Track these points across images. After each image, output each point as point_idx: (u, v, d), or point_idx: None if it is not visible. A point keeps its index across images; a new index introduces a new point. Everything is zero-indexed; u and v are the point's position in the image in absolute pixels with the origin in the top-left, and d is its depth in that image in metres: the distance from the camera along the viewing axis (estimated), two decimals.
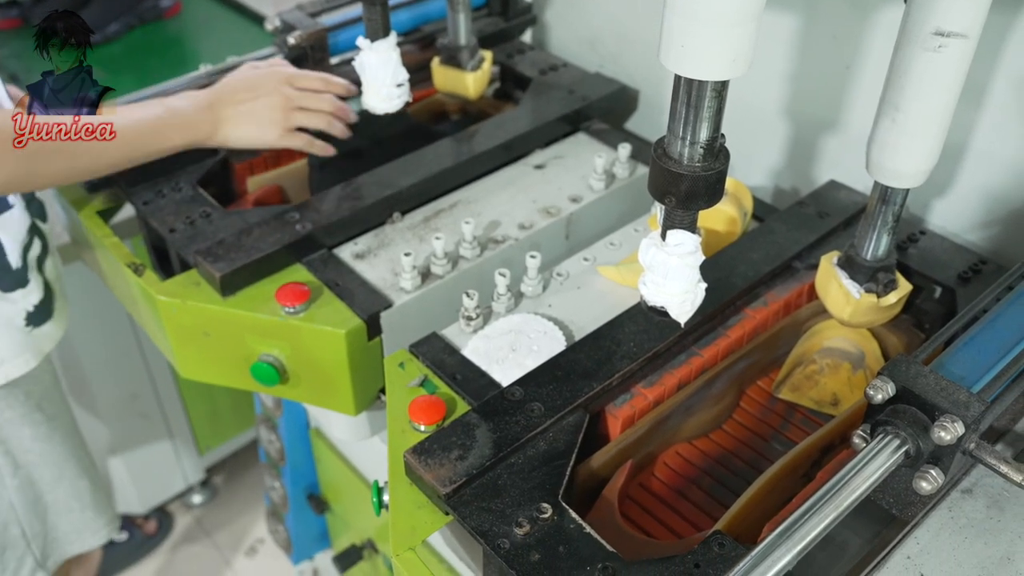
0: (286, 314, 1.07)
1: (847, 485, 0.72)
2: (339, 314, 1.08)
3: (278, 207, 1.19)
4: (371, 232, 1.21)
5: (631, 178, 1.31)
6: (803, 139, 1.29)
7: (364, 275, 1.14)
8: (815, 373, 1.06)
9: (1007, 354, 0.81)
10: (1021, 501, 0.83)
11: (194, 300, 1.09)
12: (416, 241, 1.20)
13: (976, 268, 1.07)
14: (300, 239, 1.14)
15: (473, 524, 0.78)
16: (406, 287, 1.11)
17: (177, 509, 2.28)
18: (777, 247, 1.10)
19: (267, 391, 1.14)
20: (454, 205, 1.26)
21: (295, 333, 1.08)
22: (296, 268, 1.14)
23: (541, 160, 1.35)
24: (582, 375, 0.93)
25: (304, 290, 1.08)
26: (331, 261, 1.16)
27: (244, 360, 1.11)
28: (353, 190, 1.22)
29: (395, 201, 1.22)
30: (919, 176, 0.89)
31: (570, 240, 1.27)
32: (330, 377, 1.11)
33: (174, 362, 1.19)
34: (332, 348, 1.07)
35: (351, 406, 1.14)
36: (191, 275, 1.13)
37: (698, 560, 0.73)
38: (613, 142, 1.36)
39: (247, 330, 1.09)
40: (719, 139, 0.76)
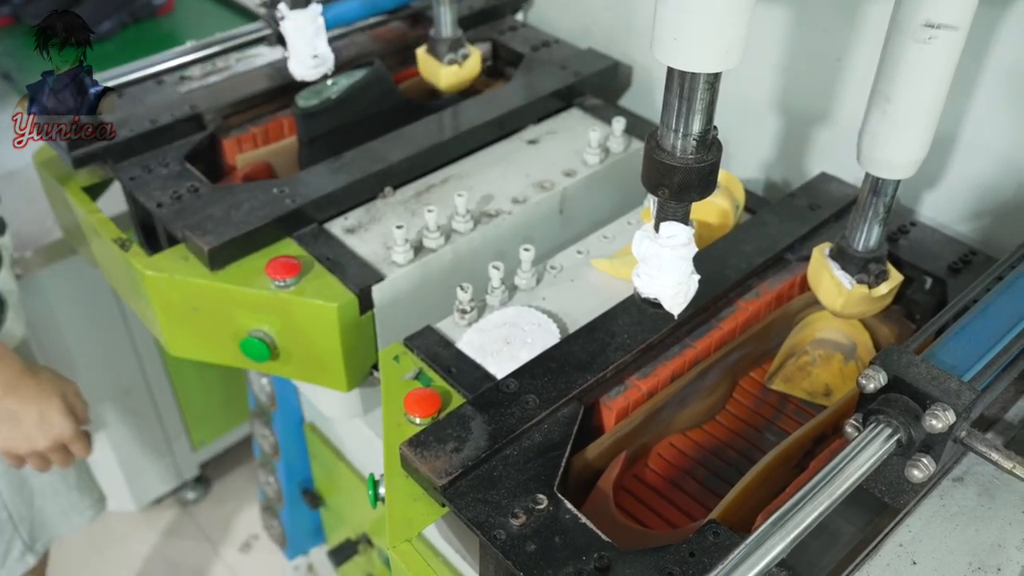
0: (276, 288, 1.06)
1: (840, 474, 0.72)
2: (330, 288, 1.07)
3: (267, 181, 1.18)
4: (362, 207, 1.21)
5: (626, 152, 1.30)
6: (794, 131, 1.29)
7: (355, 249, 1.13)
8: (807, 364, 1.07)
9: (997, 343, 0.82)
10: (1012, 488, 0.83)
11: (182, 275, 1.08)
12: (408, 215, 1.19)
13: (966, 259, 1.07)
14: (290, 213, 1.13)
15: (469, 516, 0.79)
16: (398, 260, 1.11)
17: (171, 505, 2.27)
18: (769, 239, 1.11)
19: (257, 368, 1.13)
20: (446, 180, 1.26)
21: (285, 307, 1.07)
22: (286, 242, 1.13)
23: (534, 135, 1.34)
24: (576, 367, 0.93)
25: (294, 263, 1.07)
26: (322, 235, 1.15)
27: (233, 336, 1.10)
28: (343, 164, 1.21)
29: (386, 175, 1.22)
30: (910, 167, 0.90)
31: (564, 215, 1.26)
32: (321, 352, 1.10)
33: (162, 339, 1.17)
34: (323, 322, 1.06)
35: (343, 382, 1.13)
36: (179, 250, 1.12)
37: (693, 549, 0.74)
38: (607, 117, 1.35)
39: (236, 305, 1.08)
40: (712, 131, 0.77)
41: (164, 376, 1.98)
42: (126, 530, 2.23)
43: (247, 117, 1.38)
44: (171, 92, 1.35)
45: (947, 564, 0.78)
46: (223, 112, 1.35)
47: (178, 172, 1.21)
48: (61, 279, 1.69)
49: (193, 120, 1.31)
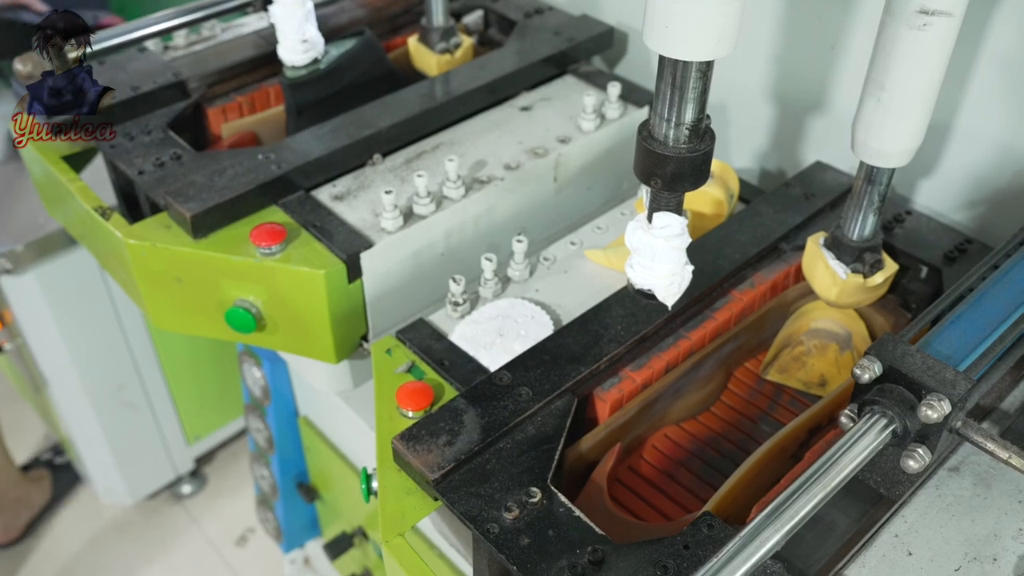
0: (261, 256, 1.04)
1: (835, 465, 0.72)
2: (317, 255, 1.05)
3: (252, 148, 1.16)
4: (350, 174, 1.19)
5: (622, 119, 1.28)
6: (789, 120, 1.29)
7: (344, 216, 1.11)
8: (802, 354, 1.06)
9: (993, 332, 0.81)
10: (1007, 478, 0.83)
11: (164, 243, 1.06)
12: (398, 182, 1.16)
13: (962, 248, 1.07)
14: (275, 179, 1.11)
15: (462, 509, 0.78)
16: (388, 227, 1.09)
17: (166, 499, 2.27)
18: (764, 229, 1.10)
19: (243, 339, 1.11)
20: (437, 147, 1.23)
21: (271, 276, 1.05)
22: (272, 210, 1.12)
23: (527, 102, 1.32)
24: (570, 359, 0.92)
25: (280, 230, 1.05)
26: (309, 203, 1.13)
27: (219, 307, 1.08)
28: (331, 131, 1.19)
29: (375, 142, 1.20)
30: (904, 156, 0.89)
31: (559, 183, 1.24)
32: (309, 322, 1.08)
33: (146, 312, 1.15)
34: (310, 291, 1.04)
35: (331, 353, 1.11)
36: (161, 218, 1.09)
37: (687, 541, 0.73)
38: (602, 83, 1.33)
39: (221, 274, 1.06)
40: (705, 120, 0.76)
41: (158, 370, 1.97)
42: (119, 524, 2.22)
43: (232, 86, 1.36)
44: (154, 60, 1.33)
45: (943, 554, 0.77)
46: (208, 80, 1.32)
47: (161, 140, 1.19)
48: (52, 274, 1.68)
49: (176, 88, 1.28)
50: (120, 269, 1.16)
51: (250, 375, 1.57)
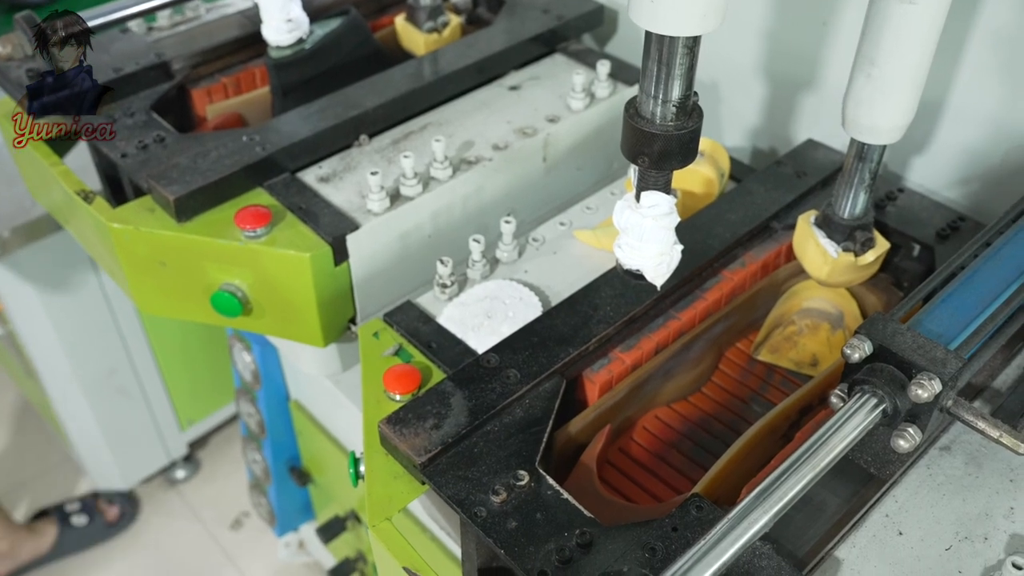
0: (246, 239, 1.03)
1: (824, 445, 0.71)
2: (303, 237, 1.04)
3: (236, 130, 1.15)
4: (336, 155, 1.17)
5: (611, 98, 1.26)
6: (780, 98, 1.27)
7: (329, 198, 1.10)
8: (794, 334, 1.06)
9: (985, 310, 0.80)
10: (999, 457, 0.82)
11: (148, 227, 1.04)
12: (384, 164, 1.15)
13: (954, 225, 1.06)
14: (260, 161, 1.10)
15: (449, 493, 0.77)
16: (374, 209, 1.07)
17: (160, 484, 2.26)
18: (755, 208, 1.09)
19: (230, 323, 1.10)
20: (424, 127, 1.22)
21: (256, 259, 1.04)
22: (257, 192, 1.10)
23: (516, 81, 1.31)
24: (558, 341, 0.92)
25: (265, 212, 1.03)
26: (294, 185, 1.12)
27: (204, 291, 1.07)
28: (316, 112, 1.18)
29: (361, 123, 1.18)
30: (895, 132, 0.88)
31: (548, 163, 1.22)
32: (295, 306, 1.07)
33: (131, 296, 1.14)
34: (296, 274, 1.03)
35: (319, 337, 1.10)
36: (144, 201, 1.08)
37: (676, 523, 0.73)
38: (592, 62, 1.31)
39: (206, 257, 1.05)
40: (692, 97, 0.75)
41: (149, 355, 1.96)
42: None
43: (217, 67, 1.34)
44: (137, 41, 1.31)
45: (933, 534, 0.77)
46: (192, 61, 1.30)
47: (144, 122, 1.17)
48: (40, 259, 1.67)
49: (160, 69, 1.26)
50: (104, 254, 1.15)
51: (240, 359, 1.56)
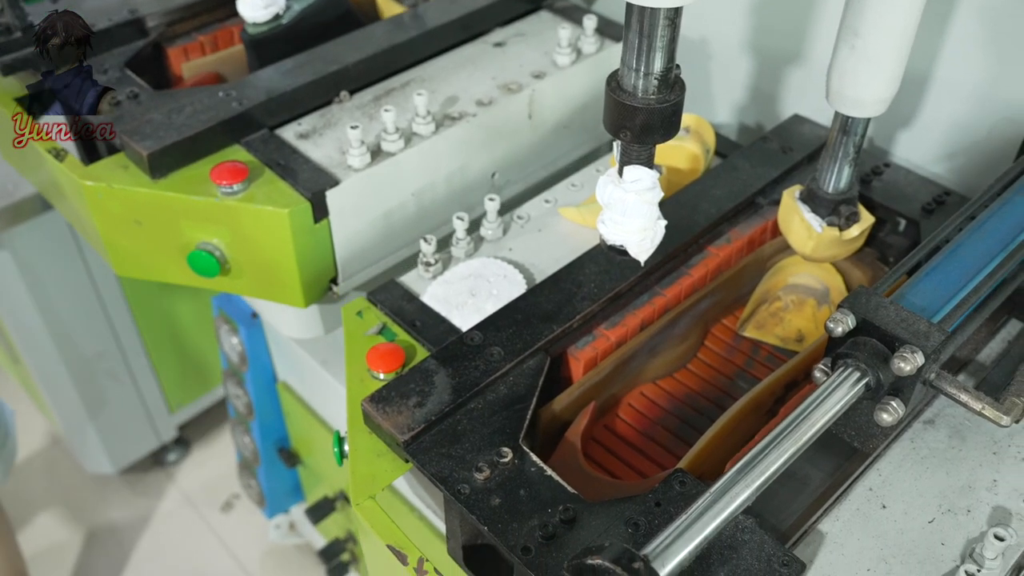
0: (223, 195, 1.01)
1: (807, 419, 0.71)
2: (281, 193, 1.02)
3: (213, 86, 1.13)
4: (316, 112, 1.15)
5: (599, 53, 1.25)
6: (766, 73, 1.26)
7: (309, 154, 1.08)
8: (780, 310, 1.05)
9: (968, 283, 0.80)
10: (982, 430, 0.83)
11: (121, 184, 1.02)
12: (365, 120, 1.13)
13: (940, 200, 1.05)
14: (237, 117, 1.08)
15: (433, 471, 0.77)
16: (355, 165, 1.06)
17: (150, 467, 2.26)
18: (740, 183, 1.08)
19: (207, 284, 1.08)
20: (407, 84, 1.20)
21: (234, 216, 1.02)
22: (234, 149, 1.08)
23: (501, 38, 1.29)
24: (542, 318, 0.91)
25: (241, 167, 1.02)
26: (272, 141, 1.10)
27: (181, 250, 1.05)
28: (295, 67, 1.16)
29: (341, 79, 1.16)
30: (879, 105, 0.88)
31: (534, 120, 1.21)
32: (275, 265, 1.06)
33: (106, 257, 1.12)
34: (275, 231, 1.02)
35: (299, 297, 1.08)
36: (118, 158, 1.06)
37: (659, 498, 0.73)
38: (578, 18, 1.29)
39: (181, 215, 1.03)
40: (674, 70, 0.74)
41: (137, 338, 1.95)
42: (105, 493, 2.22)
43: (193, 24, 1.32)
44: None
45: (917, 507, 0.77)
46: (167, 18, 1.28)
47: (117, 79, 1.15)
48: (25, 240, 1.65)
49: (133, 25, 1.25)
50: (79, 214, 1.13)
51: (227, 341, 1.55)
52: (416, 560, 0.77)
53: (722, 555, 0.69)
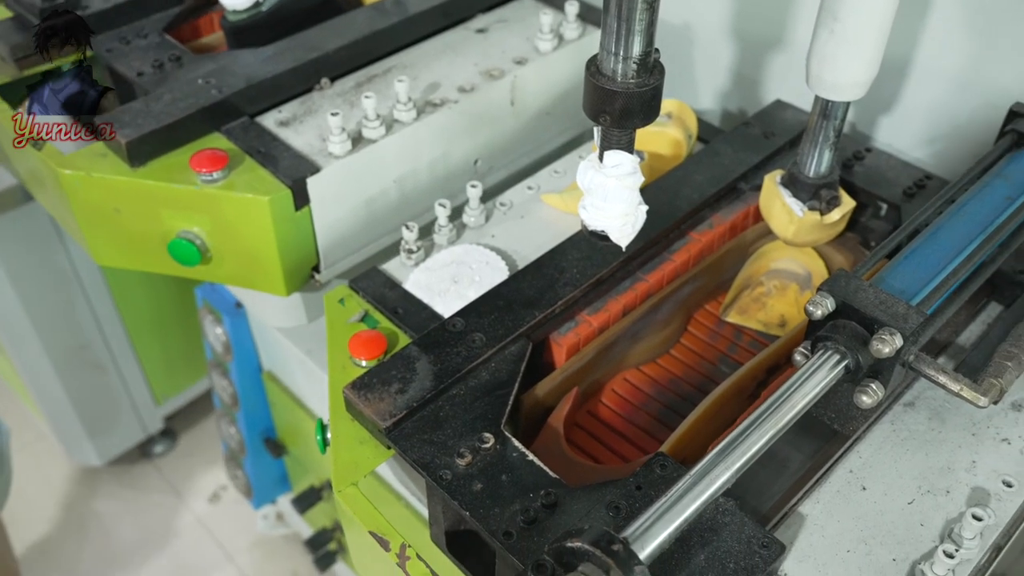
0: (203, 183, 1.01)
1: (786, 402, 0.71)
2: (262, 181, 1.02)
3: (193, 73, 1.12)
4: (297, 99, 1.15)
5: (581, 39, 1.24)
6: (749, 59, 1.27)
7: (289, 142, 1.08)
8: (762, 295, 1.06)
9: (947, 266, 0.80)
10: (962, 412, 0.83)
11: (100, 172, 1.02)
12: (346, 107, 1.13)
13: (921, 184, 1.06)
14: (216, 104, 1.07)
15: (414, 457, 0.77)
16: (335, 152, 1.05)
17: (137, 459, 2.25)
18: (722, 169, 1.08)
19: (188, 273, 1.08)
20: (388, 71, 1.19)
21: (214, 204, 1.01)
22: (214, 137, 1.08)
23: (483, 24, 1.28)
24: (524, 304, 0.91)
25: (221, 155, 1.01)
26: (253, 129, 1.10)
27: (161, 239, 1.04)
28: (275, 54, 1.15)
29: (322, 65, 1.16)
30: (859, 88, 0.88)
31: (516, 106, 1.20)
32: (256, 253, 1.05)
33: (86, 247, 1.12)
34: (255, 219, 1.01)
35: (281, 285, 1.08)
36: (97, 146, 1.05)
37: (640, 482, 0.73)
38: (560, 4, 1.28)
39: (161, 204, 1.03)
40: (653, 54, 0.74)
41: (121, 329, 1.94)
42: (92, 485, 2.21)
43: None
44: None
45: (896, 488, 0.77)
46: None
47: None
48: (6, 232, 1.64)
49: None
50: (58, 204, 1.12)
51: (211, 331, 1.55)
52: (399, 546, 0.77)
53: (703, 537, 0.69)
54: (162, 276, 1.87)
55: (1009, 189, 0.88)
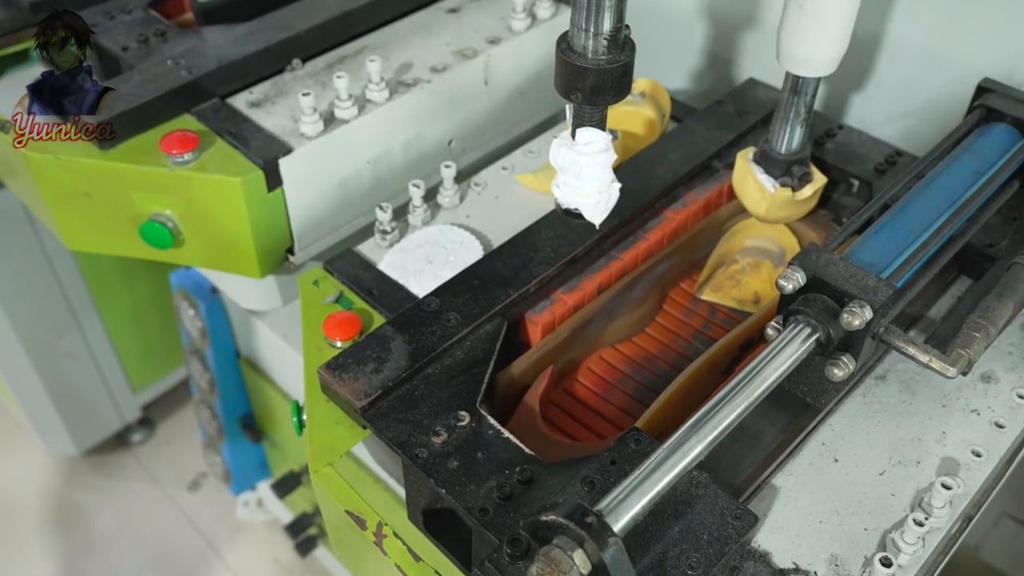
0: (174, 165, 1.00)
1: (758, 375, 0.72)
2: (234, 162, 1.01)
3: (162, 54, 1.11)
4: (268, 80, 1.14)
5: (554, 18, 1.24)
6: (722, 38, 1.27)
7: (261, 123, 1.07)
8: (737, 273, 1.06)
9: (916, 240, 0.81)
10: (933, 384, 0.84)
11: (69, 155, 1.01)
12: (319, 88, 1.12)
13: (892, 160, 1.07)
14: (186, 85, 1.07)
15: (390, 436, 0.77)
16: (308, 132, 1.05)
17: (115, 448, 2.24)
18: (696, 147, 1.09)
19: (161, 256, 1.07)
20: (360, 51, 1.19)
21: (186, 185, 1.01)
22: (185, 118, 1.07)
23: (456, 4, 1.28)
24: (499, 283, 0.91)
25: (192, 136, 1.01)
26: (224, 110, 1.09)
27: (133, 222, 1.03)
28: (245, 34, 1.14)
29: (294, 46, 1.15)
30: (828, 64, 0.88)
31: (490, 86, 1.20)
32: (229, 235, 1.05)
33: (57, 231, 1.10)
34: (228, 200, 1.01)
35: (255, 267, 1.07)
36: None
37: (614, 457, 0.73)
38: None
39: (132, 186, 1.02)
40: (624, 30, 0.74)
41: (96, 318, 1.93)
42: (70, 475, 2.20)
43: None
44: None
45: (868, 459, 0.78)
46: None
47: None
48: None
49: None
50: (27, 188, 1.11)
51: (187, 317, 1.54)
52: (375, 524, 0.77)
53: (677, 510, 0.70)
54: (137, 263, 1.85)
55: (977, 164, 0.89)
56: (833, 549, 0.72)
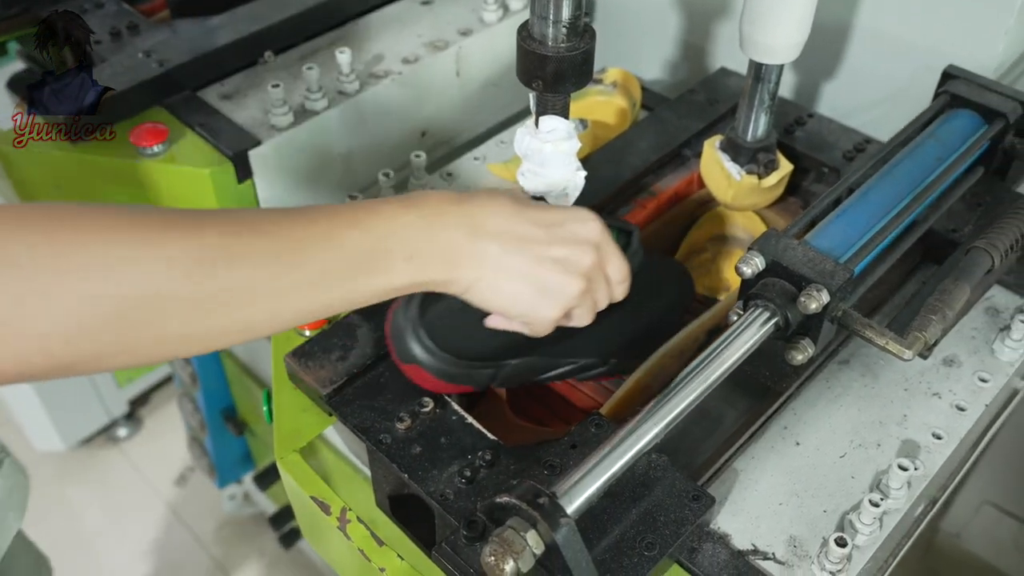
0: (143, 157, 1.00)
1: (717, 358, 0.73)
2: (203, 154, 1.02)
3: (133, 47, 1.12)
4: (240, 73, 1.14)
5: (526, 10, 1.22)
6: (695, 27, 1.27)
7: (232, 115, 1.08)
8: (707, 261, 1.07)
9: (876, 225, 0.82)
10: (894, 368, 0.85)
11: (38, 148, 1.01)
12: (290, 80, 1.13)
13: (860, 147, 1.07)
14: (157, 78, 1.07)
15: (355, 422, 0.78)
16: (278, 124, 1.05)
17: (102, 444, 2.25)
18: (666, 136, 1.09)
19: None
20: (333, 43, 1.19)
21: (155, 178, 1.01)
22: (155, 111, 1.07)
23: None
24: None
25: (161, 128, 1.01)
26: (195, 102, 1.09)
27: None
28: (217, 26, 1.14)
29: (266, 38, 1.15)
30: (790, 51, 0.89)
31: (461, 78, 1.21)
32: None
33: None
34: (197, 192, 1.01)
35: None
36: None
37: (575, 441, 0.74)
38: None
39: (102, 178, 1.03)
40: (583, 17, 0.74)
41: None
42: (57, 471, 2.20)
43: None
44: None
45: (829, 443, 0.79)
46: None
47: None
48: None
49: None
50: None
51: None
52: (339, 510, 0.78)
53: (635, 492, 0.70)
54: None
55: (940, 150, 0.90)
56: (792, 531, 0.73)
